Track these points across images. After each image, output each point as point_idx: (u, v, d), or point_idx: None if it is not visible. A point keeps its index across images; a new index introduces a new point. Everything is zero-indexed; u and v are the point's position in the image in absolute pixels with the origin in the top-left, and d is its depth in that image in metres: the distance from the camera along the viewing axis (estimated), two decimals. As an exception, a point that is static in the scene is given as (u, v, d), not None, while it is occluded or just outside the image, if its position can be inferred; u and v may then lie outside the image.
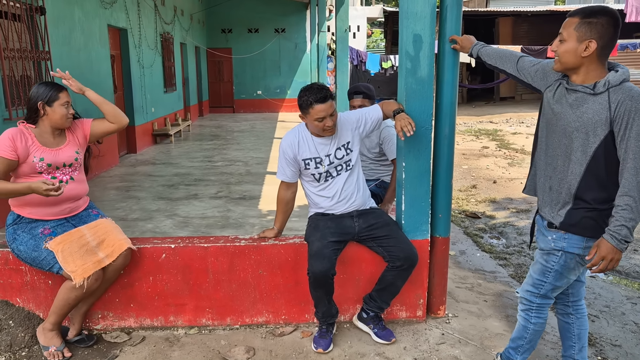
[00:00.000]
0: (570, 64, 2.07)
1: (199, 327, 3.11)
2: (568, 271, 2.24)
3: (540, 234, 2.31)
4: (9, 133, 2.66)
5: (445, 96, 2.98)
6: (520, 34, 18.32)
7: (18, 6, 5.43)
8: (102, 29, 7.91)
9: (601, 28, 1.99)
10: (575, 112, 2.07)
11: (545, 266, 2.27)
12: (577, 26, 2.03)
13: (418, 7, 2.78)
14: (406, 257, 2.78)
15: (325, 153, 2.87)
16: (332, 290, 2.84)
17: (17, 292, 2.98)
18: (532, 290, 2.34)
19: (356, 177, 2.95)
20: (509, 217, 5.79)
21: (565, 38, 2.07)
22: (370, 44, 31.10)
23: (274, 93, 17.60)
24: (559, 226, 2.17)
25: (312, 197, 3.01)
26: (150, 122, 10.34)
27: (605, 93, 1.99)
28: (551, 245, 2.22)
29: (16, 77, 5.37)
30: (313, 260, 2.73)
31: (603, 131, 2.00)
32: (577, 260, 2.21)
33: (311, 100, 2.69)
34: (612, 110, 1.97)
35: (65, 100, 2.75)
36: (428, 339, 2.98)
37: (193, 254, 3.02)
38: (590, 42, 2.00)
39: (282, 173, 2.95)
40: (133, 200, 6.15)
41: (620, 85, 1.98)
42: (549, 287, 2.29)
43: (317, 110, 2.69)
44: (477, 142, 11.30)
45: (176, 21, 12.59)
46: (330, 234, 2.82)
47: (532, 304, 2.36)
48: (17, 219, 2.74)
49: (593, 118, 2.01)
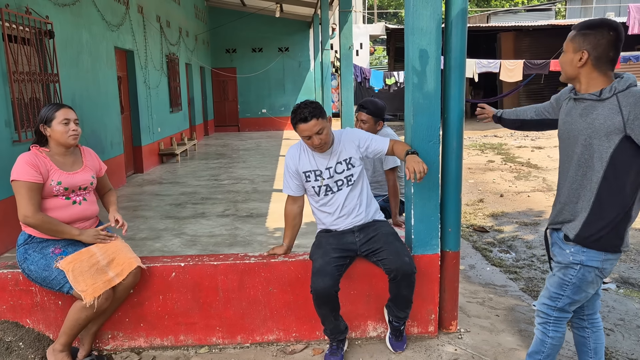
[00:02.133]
0: (568, 74, 2.16)
1: (209, 346, 3.09)
2: (586, 285, 2.21)
3: (557, 247, 2.28)
4: (26, 157, 2.68)
5: (453, 110, 2.99)
6: (522, 49, 18.41)
7: (27, 30, 5.53)
8: (109, 50, 8.02)
9: (594, 39, 2.06)
10: (585, 120, 2.09)
11: (562, 279, 2.24)
12: (573, 38, 2.12)
13: (423, 23, 2.81)
14: (397, 268, 2.73)
15: (325, 166, 2.90)
16: (337, 307, 2.81)
17: (27, 313, 2.98)
18: (549, 304, 2.31)
19: (359, 192, 2.95)
20: (517, 230, 5.76)
21: (565, 50, 2.17)
22: (373, 61, 31.34)
23: (279, 111, 17.71)
24: (575, 239, 2.16)
25: (315, 213, 3.03)
26: (156, 141, 10.41)
27: (613, 98, 2.03)
28: (569, 259, 2.20)
29: (25, 99, 5.44)
30: (315, 277, 2.73)
31: (617, 136, 2.01)
32: (596, 274, 2.18)
33: (296, 119, 2.75)
34: (624, 114, 1.99)
35: (64, 118, 2.74)
36: (441, 355, 2.95)
37: (203, 272, 3.01)
38: (583, 52, 2.08)
39: (287, 187, 2.99)
40: (141, 220, 6.16)
41: (628, 89, 2.02)
42: (566, 300, 2.25)
43: (302, 130, 2.75)
44: (483, 156, 11.29)
45: (181, 42, 12.75)
46: (333, 250, 2.82)
47: (549, 317, 2.32)
48: (29, 238, 2.75)
49: (605, 123, 2.03)
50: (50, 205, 2.72)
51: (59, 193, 2.73)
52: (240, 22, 16.46)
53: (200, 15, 15.48)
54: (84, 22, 7.11)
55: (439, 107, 2.92)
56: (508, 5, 32.71)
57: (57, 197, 2.74)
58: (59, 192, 2.72)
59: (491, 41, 18.83)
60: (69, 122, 2.76)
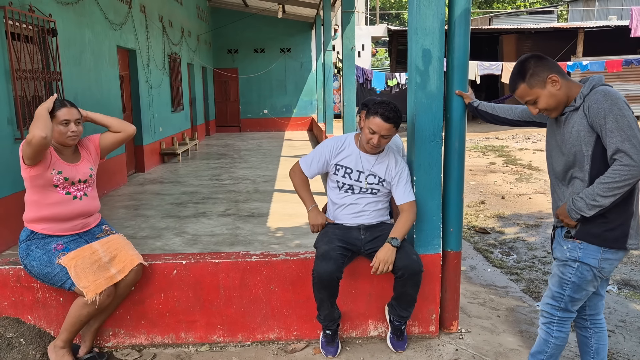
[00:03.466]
0: (560, 102, 2.17)
1: (210, 344, 3.09)
2: (585, 283, 2.23)
3: (557, 243, 2.32)
4: None
5: (455, 110, 2.99)
6: (523, 51, 18.41)
7: (30, 28, 5.54)
8: (111, 50, 8.03)
9: (539, 67, 2.14)
10: (566, 129, 2.18)
11: (562, 278, 2.27)
12: (529, 85, 2.16)
13: (427, 23, 2.81)
14: (405, 266, 2.75)
15: (360, 169, 2.91)
16: (336, 294, 2.82)
17: (29, 310, 2.98)
18: (552, 303, 2.33)
19: (376, 200, 2.96)
20: (518, 232, 5.75)
21: (534, 99, 2.18)
22: (375, 63, 31.37)
23: (280, 112, 17.71)
24: (577, 235, 2.19)
25: (329, 193, 3.04)
26: (158, 141, 10.42)
27: (584, 103, 2.11)
28: (567, 255, 2.24)
29: (28, 97, 5.45)
30: (318, 261, 2.75)
31: (592, 137, 2.09)
32: (595, 273, 2.20)
33: (379, 111, 2.73)
34: (588, 117, 2.08)
35: (64, 119, 2.72)
36: (442, 355, 2.95)
37: (204, 270, 3.01)
38: (550, 77, 2.13)
39: (307, 164, 3.00)
40: (142, 219, 6.16)
41: (592, 91, 2.10)
42: (567, 299, 2.28)
43: (375, 124, 2.74)
44: (484, 158, 11.29)
45: (183, 42, 12.76)
46: (338, 240, 2.85)
47: (553, 317, 2.34)
48: (31, 234, 2.76)
49: (580, 130, 2.11)
50: (51, 201, 2.72)
51: (59, 183, 2.72)
52: (243, 22, 16.48)
53: (202, 16, 15.50)
54: (87, 21, 7.12)
55: (441, 106, 2.92)
56: (510, 8, 32.74)
57: (57, 190, 2.72)
58: (58, 181, 2.71)
59: (493, 43, 18.85)
60: (69, 123, 2.73)
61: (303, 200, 3.07)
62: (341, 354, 2.97)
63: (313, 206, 3.04)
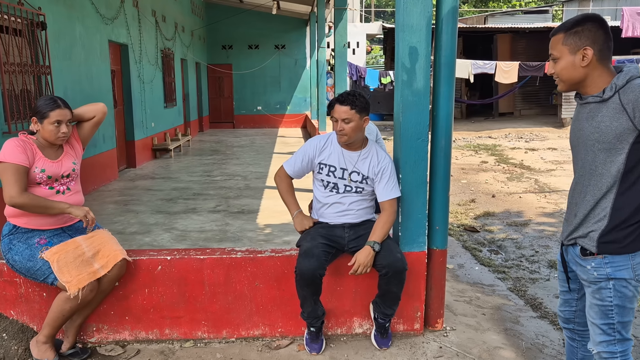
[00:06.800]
0: (574, 79, 1.95)
1: (195, 340, 3.08)
2: (629, 300, 1.94)
3: (577, 265, 2.05)
4: (14, 142, 2.66)
5: (442, 108, 2.99)
6: (518, 50, 18.44)
7: (19, 21, 5.49)
8: (102, 44, 7.98)
9: (589, 33, 1.89)
10: (591, 124, 1.93)
11: (603, 305, 1.96)
12: (565, 40, 1.92)
13: (414, 20, 2.81)
14: (389, 264, 2.76)
15: (343, 166, 2.92)
16: (318, 291, 2.83)
17: (11, 305, 2.96)
18: (607, 339, 1.98)
19: (361, 201, 2.96)
20: (507, 230, 5.77)
21: (557, 56, 1.96)
22: (369, 60, 31.37)
23: (274, 109, 17.69)
24: (599, 249, 1.94)
25: (315, 192, 3.05)
26: (150, 136, 10.38)
27: (615, 96, 1.86)
28: (594, 275, 1.96)
29: (16, 91, 5.40)
30: (301, 258, 2.75)
31: (629, 136, 1.84)
32: (634, 285, 1.93)
33: (334, 99, 2.85)
34: (629, 112, 1.82)
35: (56, 120, 2.69)
36: (425, 352, 2.95)
37: (189, 266, 3.00)
38: (585, 49, 1.89)
39: (291, 165, 3.02)
40: (131, 214, 6.14)
41: (628, 84, 1.85)
42: (619, 327, 1.96)
43: (334, 110, 2.83)
44: (476, 157, 11.31)
45: (177, 37, 12.70)
46: (321, 237, 2.86)
47: (615, 355, 1.98)
48: (13, 229, 2.74)
49: (611, 125, 1.86)
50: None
51: (42, 181, 2.71)
52: (237, 18, 16.42)
53: (196, 11, 15.43)
54: (78, 15, 7.07)
55: (428, 104, 2.92)
56: (506, 7, 32.82)
57: (40, 186, 2.71)
58: (41, 179, 2.70)
59: (488, 42, 18.86)
60: (61, 124, 2.72)
61: (287, 205, 3.08)
62: (325, 350, 2.97)
63: (298, 212, 3.04)
